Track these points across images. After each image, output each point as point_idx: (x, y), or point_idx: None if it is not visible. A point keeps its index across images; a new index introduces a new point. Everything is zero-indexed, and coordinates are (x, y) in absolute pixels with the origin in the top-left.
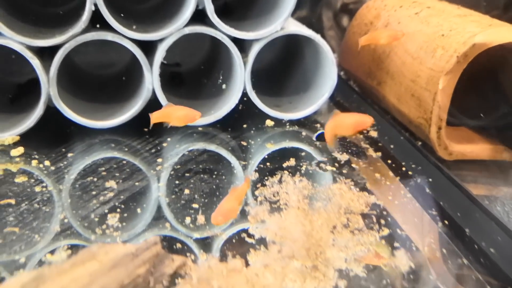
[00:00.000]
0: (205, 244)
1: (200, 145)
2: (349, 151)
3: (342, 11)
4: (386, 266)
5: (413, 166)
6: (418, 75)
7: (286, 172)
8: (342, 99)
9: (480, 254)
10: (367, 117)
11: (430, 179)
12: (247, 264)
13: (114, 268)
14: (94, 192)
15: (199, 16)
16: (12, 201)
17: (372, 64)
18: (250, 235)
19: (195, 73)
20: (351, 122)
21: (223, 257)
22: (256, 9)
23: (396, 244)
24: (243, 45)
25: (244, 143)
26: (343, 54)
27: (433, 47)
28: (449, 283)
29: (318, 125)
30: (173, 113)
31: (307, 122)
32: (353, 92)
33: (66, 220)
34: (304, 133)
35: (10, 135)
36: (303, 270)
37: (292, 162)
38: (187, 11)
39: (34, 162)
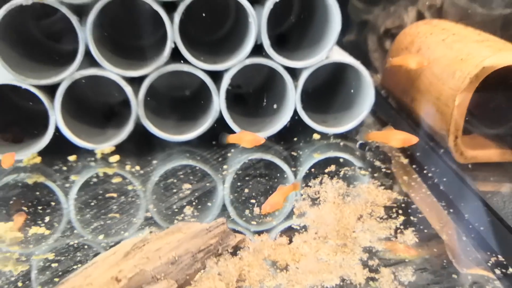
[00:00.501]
0: (259, 228)
1: (258, 155)
2: (382, 158)
3: (385, 35)
4: (398, 241)
5: (432, 169)
6: (441, 94)
7: (326, 175)
8: (381, 114)
9: (473, 231)
10: (414, 137)
11: (444, 179)
12: (290, 241)
13: (194, 238)
14: (174, 190)
15: (257, 46)
16: (115, 195)
17: (406, 84)
18: (294, 223)
19: (254, 93)
20: (401, 138)
21: (272, 236)
22: (305, 40)
23: (408, 226)
24: (294, 71)
25: (294, 153)
26: (384, 75)
27: (454, 70)
28: (444, 251)
29: (358, 137)
30: (244, 137)
31: (349, 136)
32: (391, 108)
33: (154, 209)
34: (345, 144)
35: (107, 146)
36: (335, 246)
37: (332, 168)
38: (248, 46)
39: (127, 167)
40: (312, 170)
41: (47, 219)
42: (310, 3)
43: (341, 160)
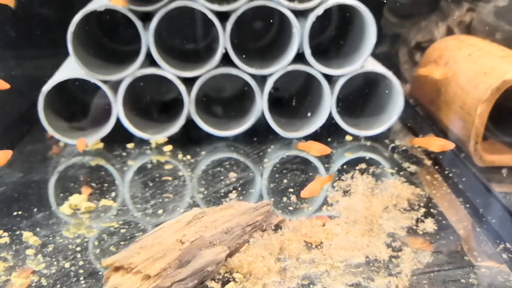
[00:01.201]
0: (297, 213)
1: (295, 152)
2: (409, 159)
3: (415, 48)
4: (419, 229)
5: (453, 170)
6: (465, 103)
7: (357, 171)
8: (409, 121)
9: (486, 223)
10: (451, 143)
11: (464, 179)
12: (324, 224)
13: (243, 214)
14: (221, 178)
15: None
16: (169, 178)
17: (433, 94)
18: (327, 209)
19: (293, 96)
20: (439, 144)
21: (309, 219)
22: (342, 50)
23: (428, 217)
24: (331, 77)
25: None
26: (413, 85)
27: (477, 82)
28: (459, 239)
29: (387, 141)
30: (312, 146)
31: (378, 138)
32: (419, 116)
33: (205, 192)
34: (375, 146)
35: (161, 137)
36: (363, 230)
37: (363, 165)
38: (291, 54)
39: (179, 156)
40: (344, 167)
41: (113, 194)
42: (348, 16)
43: (371, 159)
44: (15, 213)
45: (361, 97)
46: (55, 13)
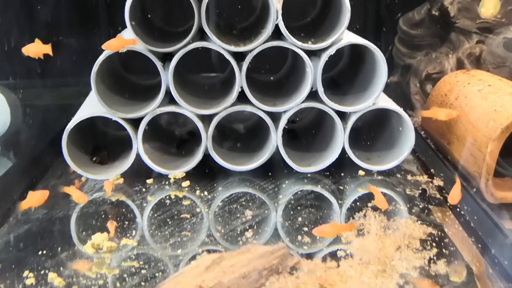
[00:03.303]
0: (311, 253)
1: (308, 187)
2: (420, 196)
3: (426, 79)
4: (431, 270)
5: (465, 207)
6: (476, 140)
7: (370, 209)
8: (420, 154)
9: (499, 265)
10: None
11: (475, 217)
12: (338, 265)
13: (260, 258)
14: (237, 215)
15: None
16: (187, 216)
17: (444, 128)
18: (341, 250)
19: (306, 129)
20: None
21: (323, 260)
22: (354, 86)
23: (440, 257)
24: (344, 113)
25: (341, 187)
26: (424, 118)
27: (487, 119)
28: (471, 280)
29: (399, 175)
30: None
31: (390, 172)
32: (429, 149)
33: (222, 230)
34: (388, 180)
35: (179, 172)
36: (376, 271)
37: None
38: (304, 92)
39: (197, 192)
40: (358, 203)
41: (133, 232)
42: (359, 54)
43: (383, 195)
44: (40, 252)
45: (372, 130)
46: (77, 42)
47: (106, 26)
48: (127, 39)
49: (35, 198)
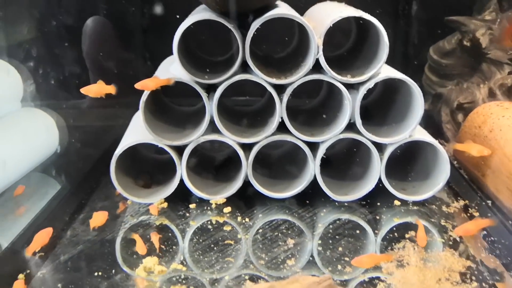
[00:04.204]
0: (353, 283)
1: (346, 216)
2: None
3: (458, 109)
4: None
5: (502, 241)
6: (511, 174)
7: (408, 241)
8: (454, 184)
9: None
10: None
11: None
12: None
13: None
14: (278, 243)
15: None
16: (231, 242)
17: (478, 159)
18: (382, 281)
19: (339, 157)
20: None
21: None
22: (388, 117)
23: None
24: (380, 144)
25: (378, 217)
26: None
27: None
28: None
29: (434, 206)
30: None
31: (426, 203)
32: (463, 179)
33: (266, 258)
34: (423, 210)
35: (220, 198)
36: None
37: (412, 233)
38: (343, 123)
39: (239, 218)
40: (395, 234)
41: (181, 257)
42: (394, 85)
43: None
44: (95, 274)
45: (406, 160)
46: (114, 64)
47: (142, 50)
48: (163, 80)
49: (100, 219)
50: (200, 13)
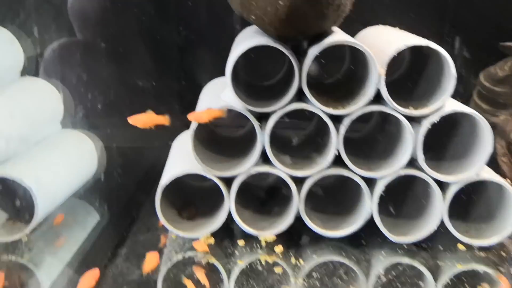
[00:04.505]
0: None
1: (404, 260)
2: None
3: None
4: None
5: None
6: None
7: None
8: None
9: None
10: None
11: None
12: None
13: None
14: None
15: None
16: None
17: None
18: None
19: (393, 193)
20: None
21: None
22: (449, 152)
23: None
24: (440, 182)
25: (440, 262)
26: None
27: None
28: None
29: (503, 252)
30: None
31: (494, 250)
32: None
33: None
34: (490, 257)
35: (269, 234)
36: None
37: (477, 281)
38: (404, 159)
39: (292, 259)
40: (460, 286)
41: None
42: (453, 118)
43: (485, 274)
44: None
45: (469, 199)
46: (148, 83)
47: (178, 70)
48: (217, 111)
49: (153, 262)
50: (256, 38)
